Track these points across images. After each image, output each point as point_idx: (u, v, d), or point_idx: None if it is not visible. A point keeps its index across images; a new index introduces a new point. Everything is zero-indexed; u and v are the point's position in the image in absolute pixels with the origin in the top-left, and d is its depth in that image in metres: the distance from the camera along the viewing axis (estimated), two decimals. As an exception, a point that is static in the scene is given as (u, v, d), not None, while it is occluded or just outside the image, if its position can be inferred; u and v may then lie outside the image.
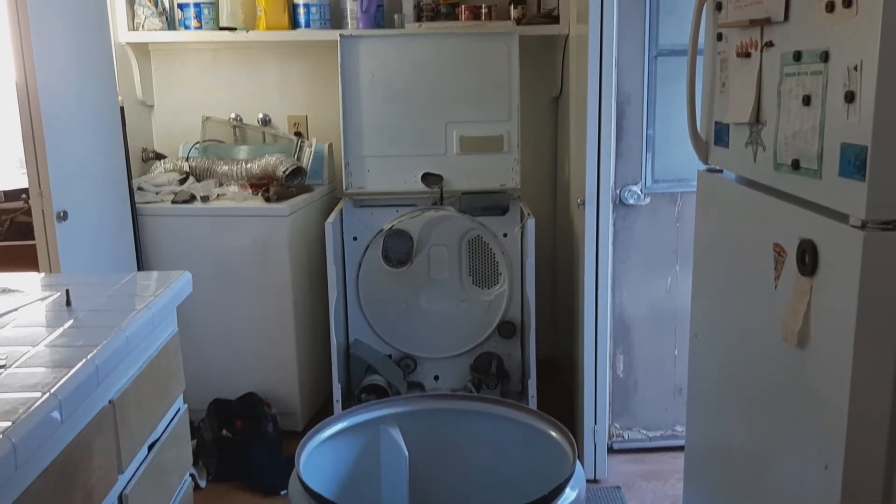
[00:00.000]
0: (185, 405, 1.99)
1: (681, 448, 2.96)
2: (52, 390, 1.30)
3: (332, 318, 2.96)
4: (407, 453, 2.09)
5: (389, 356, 3.29)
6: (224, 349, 3.11)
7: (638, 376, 2.89)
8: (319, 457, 2.03)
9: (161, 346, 1.81)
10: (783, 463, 1.49)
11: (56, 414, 1.27)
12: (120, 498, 1.57)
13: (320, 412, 3.30)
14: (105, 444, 1.49)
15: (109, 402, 1.53)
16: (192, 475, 2.78)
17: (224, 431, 2.89)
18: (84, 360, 1.42)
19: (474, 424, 2.17)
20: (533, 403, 2.95)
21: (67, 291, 1.75)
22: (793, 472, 1.45)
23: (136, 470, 1.66)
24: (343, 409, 3.01)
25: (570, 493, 1.78)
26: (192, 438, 2.91)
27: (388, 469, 2.17)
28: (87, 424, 1.42)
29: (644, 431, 2.93)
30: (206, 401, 3.05)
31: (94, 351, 1.46)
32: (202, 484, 2.80)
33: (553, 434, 2.00)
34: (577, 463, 1.84)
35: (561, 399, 3.24)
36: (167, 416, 1.85)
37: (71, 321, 1.63)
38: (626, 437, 2.93)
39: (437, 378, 3.33)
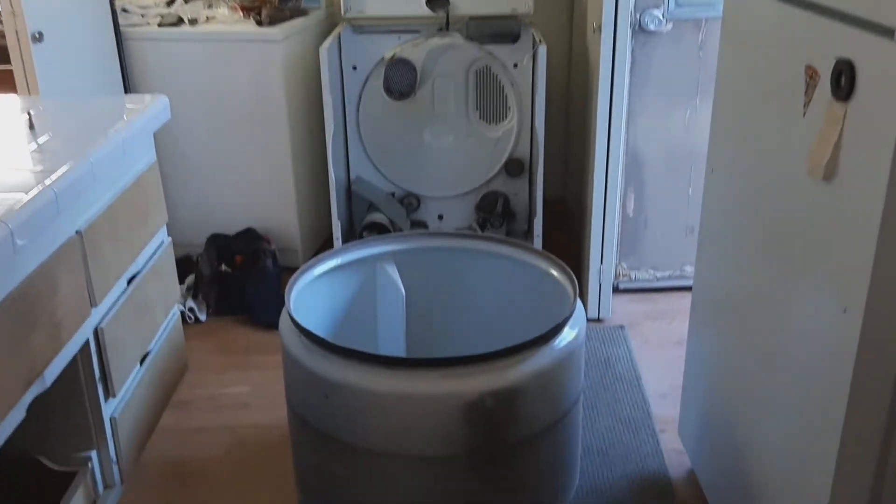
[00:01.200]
0: (169, 238, 1.90)
1: (689, 288, 2.88)
2: (6, 217, 1.19)
3: (329, 152, 2.83)
4: (403, 291, 2.01)
5: (392, 194, 3.17)
6: (222, 183, 3.00)
7: (648, 215, 2.77)
8: (313, 293, 1.96)
9: (136, 175, 1.70)
10: (798, 305, 1.39)
11: (9, 241, 1.17)
12: (95, 332, 1.50)
13: (322, 250, 3.22)
14: (73, 277, 1.41)
15: (77, 232, 1.43)
16: (191, 309, 2.75)
17: (223, 266, 2.83)
18: (41, 187, 1.30)
19: (475, 264, 2.09)
20: (538, 243, 2.85)
21: (30, 114, 1.62)
22: (808, 314, 1.35)
23: (114, 304, 1.58)
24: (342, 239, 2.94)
25: (568, 333, 1.70)
26: (191, 273, 2.86)
27: (384, 307, 2.10)
28: (50, 255, 1.33)
29: (652, 271, 2.85)
30: (204, 235, 2.98)
31: (54, 177, 1.34)
32: (202, 317, 2.77)
33: (554, 273, 1.91)
34: (578, 302, 1.76)
35: (567, 239, 3.15)
36: (147, 250, 1.76)
37: (33, 146, 1.51)
38: (633, 278, 2.85)
39: (441, 217, 3.23)
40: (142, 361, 1.72)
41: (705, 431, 1.92)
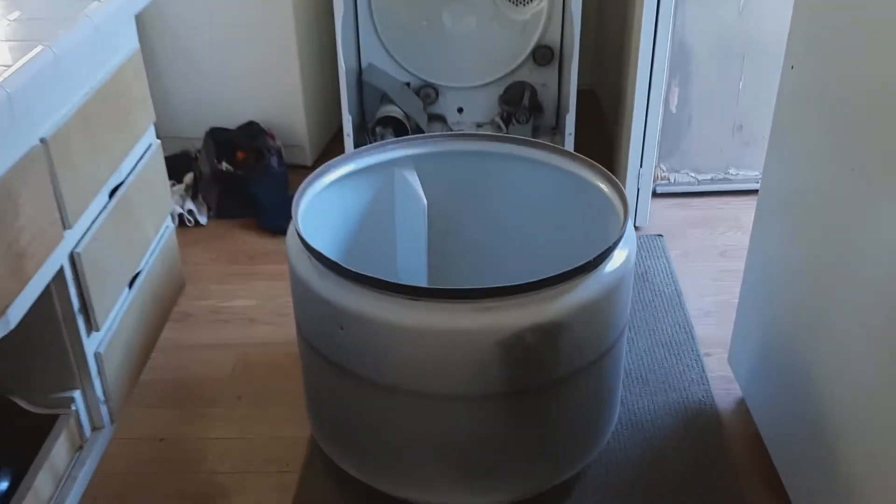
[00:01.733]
0: (158, 141, 1.66)
1: (733, 193, 2.65)
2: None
3: (339, 36, 2.53)
4: (425, 201, 1.78)
5: (407, 84, 2.89)
6: (220, 72, 2.71)
7: (693, 112, 2.50)
8: (322, 206, 1.72)
9: (115, 68, 1.44)
10: (887, 219, 1.15)
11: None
12: (71, 258, 1.28)
13: (331, 146, 2.98)
14: (38, 195, 1.18)
15: (40, 140, 1.19)
16: (190, 211, 2.53)
17: (224, 165, 2.59)
18: (-12, 87, 1.06)
19: (508, 171, 1.84)
20: (570, 143, 2.59)
21: (-19, -6, 1.35)
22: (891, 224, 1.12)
23: (92, 224, 1.36)
24: (355, 144, 2.68)
25: (618, 256, 1.48)
26: (189, 171, 2.63)
27: (404, 221, 1.87)
28: (6, 172, 1.10)
29: (693, 174, 2.60)
30: (202, 129, 2.73)
31: (6, 74, 1.09)
32: (202, 220, 2.55)
33: (601, 186, 1.66)
34: (629, 223, 1.52)
35: (598, 137, 2.88)
36: (132, 156, 1.52)
37: (-16, 34, 1.25)
38: (673, 181, 2.60)
39: (461, 110, 2.95)
40: (131, 284, 1.51)
41: (762, 358, 1.72)
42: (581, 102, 2.62)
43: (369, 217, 1.85)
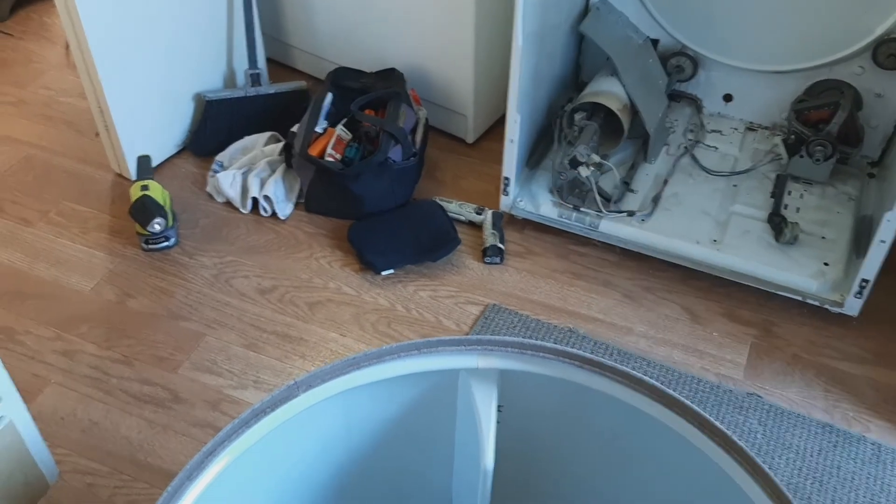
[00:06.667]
0: None
1: None
2: None
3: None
4: (491, 462, 0.89)
5: (654, 42, 1.82)
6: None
7: None
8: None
9: None
10: None
11: None
12: None
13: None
14: None
15: None
16: (267, 198, 1.76)
17: (340, 129, 1.76)
18: None
19: (643, 442, 0.89)
20: (889, 229, 1.44)
21: None
22: None
23: None
24: (526, 130, 1.69)
25: None
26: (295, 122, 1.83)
27: (461, 464, 1.01)
28: None
29: None
30: (329, 66, 1.90)
31: None
32: (284, 213, 1.76)
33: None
34: None
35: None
36: None
37: None
38: None
39: (728, 99, 1.85)
40: None
41: None
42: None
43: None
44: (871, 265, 1.44)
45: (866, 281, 1.46)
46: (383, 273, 1.63)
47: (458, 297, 1.60)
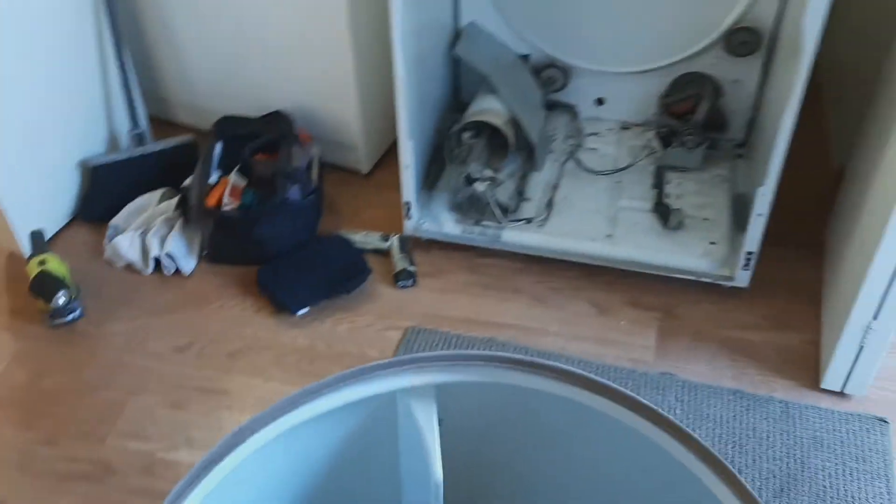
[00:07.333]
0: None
1: None
2: None
3: None
4: (440, 474, 0.93)
5: (524, 58, 1.91)
6: (241, 34, 1.82)
7: None
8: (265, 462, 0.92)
9: None
10: None
11: None
12: None
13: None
14: None
15: None
16: (169, 255, 1.74)
17: (233, 177, 1.77)
18: None
19: (586, 435, 0.95)
20: (759, 227, 1.56)
21: None
22: None
23: None
24: (420, 154, 1.74)
25: None
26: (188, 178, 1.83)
27: (410, 483, 1.04)
28: None
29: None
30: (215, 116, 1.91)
31: None
32: (187, 268, 1.75)
33: None
34: None
35: (816, 195, 1.83)
36: None
37: None
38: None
39: (600, 102, 1.96)
40: None
41: None
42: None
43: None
44: (752, 237, 1.56)
45: (751, 253, 1.57)
46: (298, 313, 1.65)
47: (376, 324, 1.63)
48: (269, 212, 1.68)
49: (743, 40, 1.75)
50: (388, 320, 1.63)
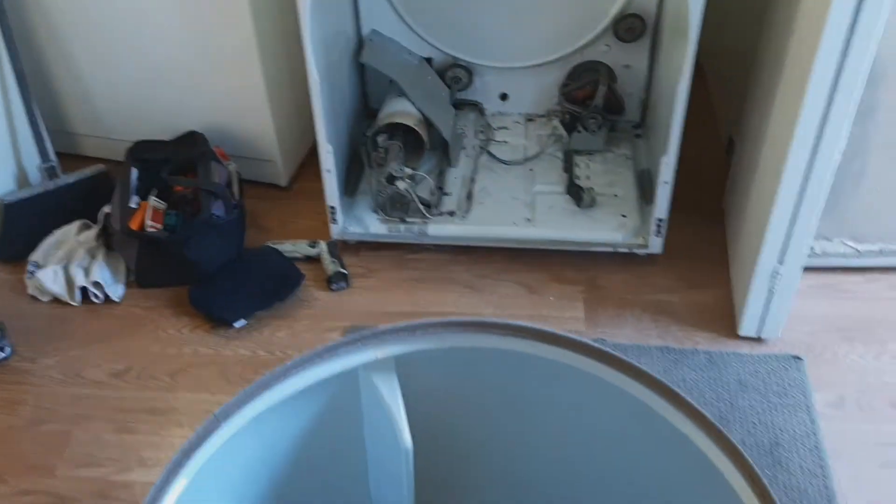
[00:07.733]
0: None
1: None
2: None
3: None
4: (409, 442, 0.97)
5: (429, 60, 1.98)
6: (150, 57, 1.83)
7: (871, 158, 1.58)
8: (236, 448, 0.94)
9: None
10: None
11: None
12: None
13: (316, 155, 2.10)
14: None
15: None
16: (97, 283, 1.73)
17: (152, 200, 1.77)
18: None
19: (545, 388, 1.02)
20: (665, 195, 1.68)
21: None
22: None
23: None
24: (339, 160, 1.79)
25: None
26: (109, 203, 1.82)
27: (376, 461, 1.08)
28: None
29: (851, 244, 1.71)
30: (126, 143, 1.90)
31: None
32: (116, 294, 1.74)
33: (708, 449, 0.84)
34: None
35: (711, 175, 1.97)
36: None
37: None
38: (820, 251, 1.71)
39: (504, 97, 2.05)
40: None
41: None
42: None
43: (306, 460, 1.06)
44: (660, 205, 1.67)
45: (661, 220, 1.68)
46: (236, 325, 1.66)
47: (315, 328, 1.66)
48: (196, 230, 1.69)
49: (629, 27, 1.88)
50: (326, 322, 1.67)
